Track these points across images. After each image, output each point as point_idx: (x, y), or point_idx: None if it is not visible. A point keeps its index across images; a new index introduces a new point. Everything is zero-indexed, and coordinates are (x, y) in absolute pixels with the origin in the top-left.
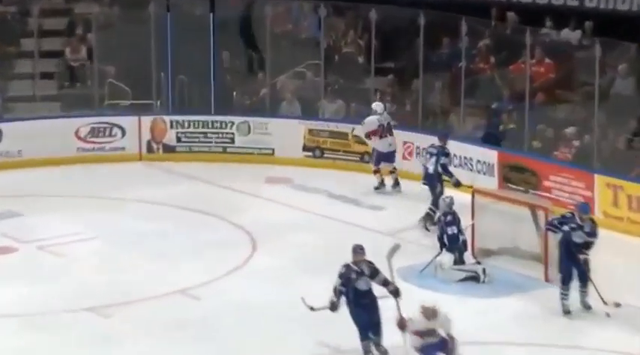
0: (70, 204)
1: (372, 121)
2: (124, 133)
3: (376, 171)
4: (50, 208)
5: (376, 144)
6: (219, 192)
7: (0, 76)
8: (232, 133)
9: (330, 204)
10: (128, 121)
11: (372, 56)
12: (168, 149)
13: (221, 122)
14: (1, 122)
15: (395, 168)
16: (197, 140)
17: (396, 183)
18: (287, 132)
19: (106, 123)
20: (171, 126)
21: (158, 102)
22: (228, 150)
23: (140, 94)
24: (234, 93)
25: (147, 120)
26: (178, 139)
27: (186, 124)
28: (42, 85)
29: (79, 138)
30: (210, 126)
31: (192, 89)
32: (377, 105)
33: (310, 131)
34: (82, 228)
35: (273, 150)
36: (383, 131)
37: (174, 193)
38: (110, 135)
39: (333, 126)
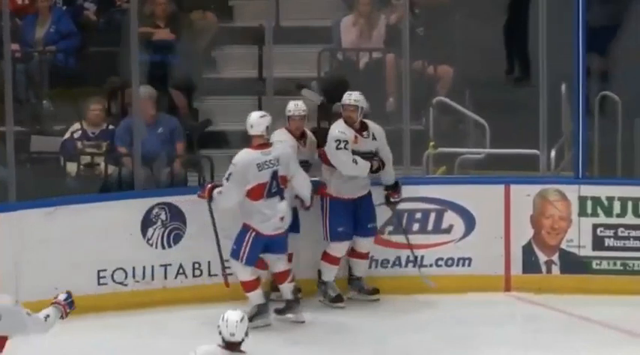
0: None
1: None
2: (470, 225)
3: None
4: None
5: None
6: None
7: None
8: None
9: None
10: (479, 196)
11: None
12: (574, 266)
13: None
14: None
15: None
16: None
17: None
18: None
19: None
20: (583, 212)
21: (552, 155)
22: None
23: (509, 135)
24: None
25: (523, 193)
26: (597, 243)
27: (616, 206)
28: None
29: None
30: None
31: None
32: None
33: None
34: None
35: None
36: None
37: None
38: (437, 229)
39: None
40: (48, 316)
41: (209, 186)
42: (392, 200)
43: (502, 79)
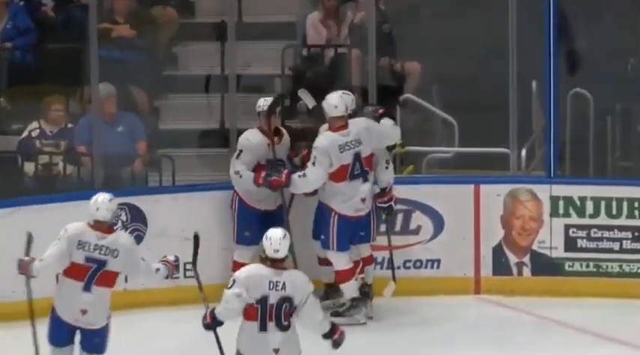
0: None
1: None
2: (438, 226)
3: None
4: None
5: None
6: None
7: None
8: None
9: None
10: (448, 196)
11: None
12: (545, 268)
13: None
14: None
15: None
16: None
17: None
18: None
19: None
20: (555, 213)
21: (523, 153)
22: None
23: (478, 133)
24: None
25: (493, 193)
26: (569, 244)
27: (588, 206)
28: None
29: None
30: None
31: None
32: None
33: None
34: None
35: None
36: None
37: None
38: (405, 230)
39: None
40: (158, 269)
41: (285, 171)
42: (377, 204)
43: (471, 76)
